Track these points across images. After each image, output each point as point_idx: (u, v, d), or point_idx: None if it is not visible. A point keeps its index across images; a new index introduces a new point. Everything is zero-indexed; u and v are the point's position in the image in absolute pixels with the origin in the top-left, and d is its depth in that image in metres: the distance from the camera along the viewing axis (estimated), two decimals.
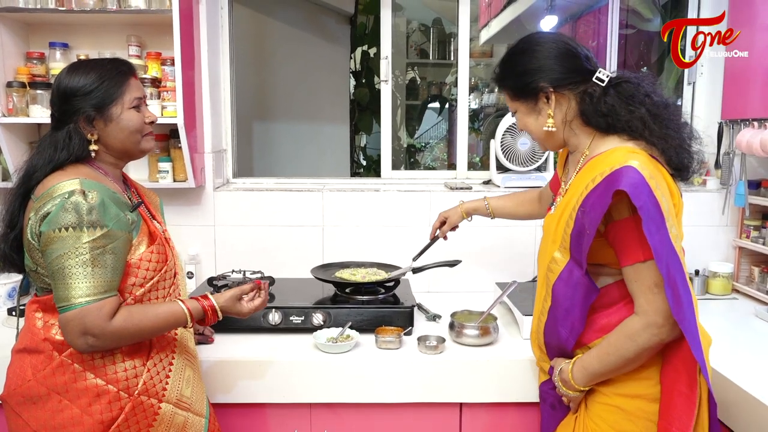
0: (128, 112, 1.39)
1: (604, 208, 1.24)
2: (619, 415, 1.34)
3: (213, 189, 2.36)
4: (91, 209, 1.26)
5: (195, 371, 1.50)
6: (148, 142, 1.46)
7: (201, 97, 2.29)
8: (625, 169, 1.24)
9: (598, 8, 3.54)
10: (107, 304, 1.26)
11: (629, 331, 1.28)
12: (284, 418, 1.76)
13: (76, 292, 1.24)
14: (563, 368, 1.39)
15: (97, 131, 1.37)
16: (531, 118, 1.43)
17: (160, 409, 1.36)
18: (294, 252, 2.37)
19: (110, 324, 1.26)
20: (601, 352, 1.32)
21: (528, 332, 1.84)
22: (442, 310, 2.07)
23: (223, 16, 2.45)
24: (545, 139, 1.45)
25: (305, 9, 3.86)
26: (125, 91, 1.38)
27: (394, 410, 1.75)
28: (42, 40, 2.24)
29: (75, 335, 1.25)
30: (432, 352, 1.76)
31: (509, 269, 2.33)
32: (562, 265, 1.36)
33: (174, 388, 1.40)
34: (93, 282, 1.25)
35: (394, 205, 2.38)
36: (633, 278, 1.28)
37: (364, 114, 4.43)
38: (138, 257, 1.35)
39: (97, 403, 1.30)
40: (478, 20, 4.73)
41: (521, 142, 2.44)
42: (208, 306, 1.41)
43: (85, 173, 1.33)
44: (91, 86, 1.35)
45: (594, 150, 1.38)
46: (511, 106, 1.48)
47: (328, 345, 1.75)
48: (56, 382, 1.31)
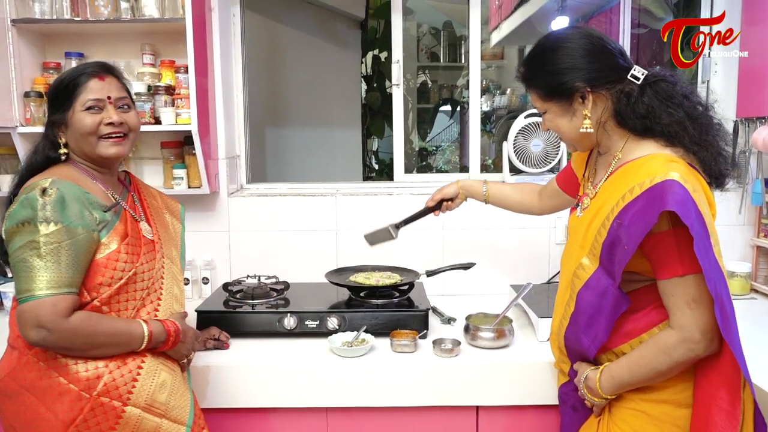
0: (79, 114, 1.39)
1: (648, 227, 1.19)
2: (644, 419, 1.32)
3: (227, 195, 2.38)
4: (45, 205, 1.28)
5: (176, 377, 1.46)
6: (107, 147, 1.41)
7: (214, 103, 2.31)
8: (669, 184, 1.19)
9: (609, 8, 3.53)
10: (62, 301, 1.27)
11: (664, 345, 1.25)
12: (300, 422, 1.76)
13: (30, 285, 1.27)
14: (590, 376, 1.36)
15: (65, 135, 1.42)
16: (564, 119, 1.37)
17: (123, 412, 1.34)
18: (308, 256, 2.38)
19: (65, 321, 1.27)
20: (632, 363, 1.29)
21: (544, 334, 1.83)
22: (456, 313, 2.07)
23: (236, 23, 2.47)
24: (578, 141, 1.40)
25: (316, 14, 3.88)
26: (79, 93, 1.39)
27: (410, 414, 1.75)
28: (58, 50, 2.27)
29: (28, 327, 1.26)
30: (447, 355, 1.75)
31: (524, 271, 2.32)
32: (590, 272, 1.32)
33: (142, 391, 1.37)
34: (47, 276, 1.27)
35: (408, 209, 2.37)
36: (670, 292, 1.24)
37: (376, 118, 4.43)
38: (105, 256, 1.36)
39: (59, 401, 1.31)
40: (489, 22, 4.72)
41: (534, 144, 2.43)
42: (174, 330, 1.42)
43: (64, 173, 1.37)
44: (53, 93, 1.42)
45: (628, 154, 1.33)
46: (541, 107, 1.40)
47: (343, 349, 1.76)
48: (25, 379, 1.34)
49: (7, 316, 2.08)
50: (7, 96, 2.09)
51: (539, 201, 1.82)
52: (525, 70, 1.41)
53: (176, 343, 1.43)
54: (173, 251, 1.59)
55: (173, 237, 1.63)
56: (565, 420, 1.52)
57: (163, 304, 1.48)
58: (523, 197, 1.85)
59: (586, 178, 1.50)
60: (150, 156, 2.36)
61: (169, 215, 1.66)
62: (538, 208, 1.84)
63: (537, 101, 1.41)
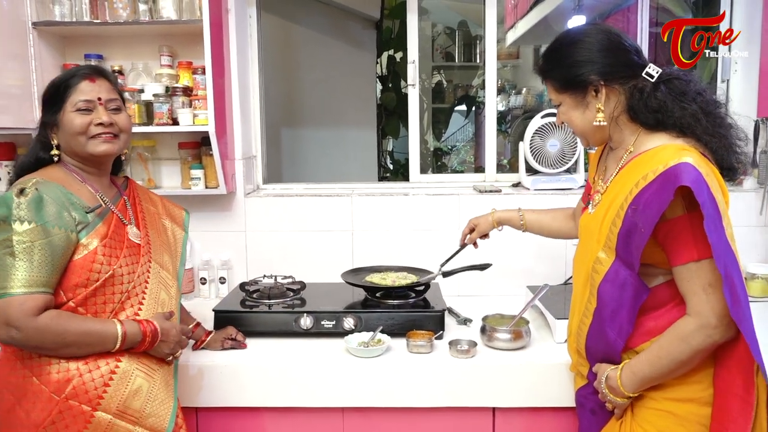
0: (70, 115, 1.41)
1: (663, 206, 1.20)
2: (669, 419, 1.31)
3: (244, 195, 2.39)
4: (20, 204, 1.30)
5: (155, 384, 1.43)
6: (96, 145, 1.43)
7: (231, 104, 2.32)
8: (683, 165, 1.21)
9: (627, 6, 3.49)
10: (30, 300, 1.27)
11: (682, 333, 1.24)
12: (316, 422, 1.77)
13: (3, 283, 1.28)
14: (610, 375, 1.35)
15: (57, 137, 1.44)
16: (577, 111, 1.39)
17: (93, 417, 1.33)
18: (324, 257, 2.39)
19: (34, 320, 1.27)
20: (652, 356, 1.28)
21: (561, 336, 1.82)
22: (472, 313, 2.06)
23: (252, 24, 2.48)
24: (590, 134, 1.41)
25: (331, 15, 3.89)
26: (70, 94, 1.42)
27: (426, 415, 1.75)
28: (77, 52, 2.30)
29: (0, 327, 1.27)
30: (464, 356, 1.75)
31: (540, 272, 2.31)
32: (608, 266, 1.32)
33: (114, 397, 1.36)
34: (20, 274, 1.28)
35: (423, 209, 2.38)
36: (686, 278, 1.24)
37: (391, 118, 4.43)
38: (83, 257, 1.36)
39: (31, 401, 1.33)
40: (504, 22, 4.70)
41: (551, 144, 2.42)
42: (150, 331, 1.40)
43: (51, 175, 1.39)
44: (46, 95, 1.44)
45: (639, 147, 1.35)
46: (555, 99, 1.43)
47: (359, 349, 1.76)
48: (6, 379, 1.36)
49: None
50: (28, 97, 2.12)
51: (574, 224, 1.82)
52: (543, 62, 1.43)
53: (153, 343, 1.41)
54: (165, 257, 1.57)
55: (169, 243, 1.62)
56: (583, 424, 1.51)
57: (145, 308, 1.46)
58: (559, 223, 1.84)
59: (598, 176, 1.50)
60: (168, 156, 2.38)
61: (170, 222, 1.66)
62: (574, 232, 1.83)
63: (552, 93, 1.43)
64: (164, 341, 1.44)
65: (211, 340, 1.80)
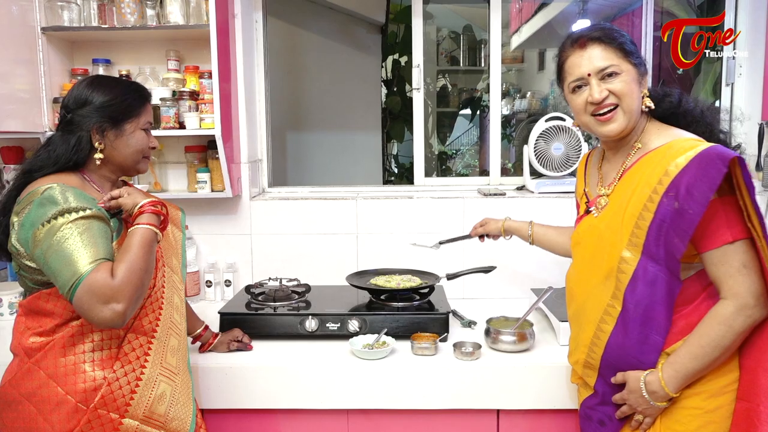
0: (139, 132, 1.47)
1: (715, 183, 1.20)
2: (701, 418, 1.30)
3: (249, 198, 2.41)
4: (67, 198, 1.29)
5: (176, 387, 1.45)
6: (145, 164, 1.53)
7: (237, 108, 2.34)
8: (719, 147, 1.24)
9: (631, 11, 3.50)
10: (101, 266, 1.24)
11: (722, 317, 1.25)
12: (321, 424, 1.78)
13: (74, 268, 1.23)
14: (650, 379, 1.31)
15: (105, 142, 1.43)
16: (636, 86, 1.36)
17: (121, 424, 1.34)
18: (329, 259, 2.40)
19: (114, 279, 1.23)
20: (694, 348, 1.27)
21: (565, 338, 1.82)
22: (477, 316, 2.07)
23: (258, 29, 2.50)
24: (634, 112, 1.36)
25: (337, 20, 3.91)
26: (142, 113, 1.47)
27: (431, 417, 1.76)
28: (85, 56, 2.32)
29: (97, 308, 1.21)
30: (468, 358, 1.75)
31: (544, 276, 2.31)
32: (634, 264, 1.31)
33: (141, 403, 1.37)
34: (85, 253, 1.24)
35: (428, 212, 2.39)
36: (720, 261, 1.25)
37: (396, 122, 4.45)
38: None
39: (56, 412, 1.31)
40: (509, 26, 4.72)
41: (555, 147, 2.43)
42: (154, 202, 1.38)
43: (69, 181, 1.37)
44: (113, 100, 1.42)
45: (648, 144, 1.37)
46: (619, 66, 1.34)
47: (364, 351, 1.77)
48: (25, 388, 1.34)
49: None
50: (37, 102, 2.14)
51: None
52: (606, 31, 1.37)
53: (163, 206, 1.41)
54: (173, 260, 1.59)
55: (173, 246, 1.63)
56: None
57: (164, 314, 1.47)
58: (565, 239, 1.82)
59: (595, 184, 1.51)
60: (174, 160, 2.40)
61: (170, 224, 1.66)
62: None
63: (614, 58, 1.35)
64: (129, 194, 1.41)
65: (217, 343, 1.82)
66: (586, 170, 1.58)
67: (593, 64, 1.35)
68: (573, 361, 1.52)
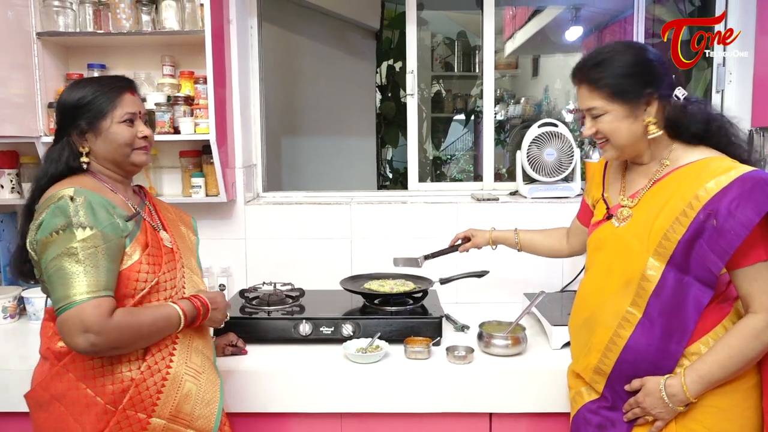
0: (117, 126, 1.43)
1: (763, 206, 1.24)
2: (717, 415, 1.34)
3: (244, 203, 2.42)
4: (78, 211, 1.30)
5: (202, 386, 1.46)
6: (140, 156, 1.49)
7: (232, 113, 2.35)
8: (761, 172, 1.28)
9: (623, 18, 3.54)
10: (104, 303, 1.28)
11: (753, 330, 1.29)
12: (315, 427, 1.79)
13: (72, 291, 1.26)
14: (670, 383, 1.34)
15: (88, 144, 1.43)
16: (626, 122, 1.39)
17: (149, 424, 1.36)
18: (323, 264, 2.41)
19: (110, 321, 1.27)
20: (721, 357, 1.30)
21: (557, 342, 1.84)
22: (470, 321, 2.08)
23: (253, 35, 2.52)
24: (630, 146, 1.42)
25: (331, 26, 3.93)
26: (116, 106, 1.43)
27: (424, 420, 1.77)
28: (81, 61, 2.33)
29: (75, 334, 1.25)
30: (461, 362, 1.77)
31: (537, 280, 2.33)
32: (659, 273, 1.34)
33: (167, 402, 1.38)
34: (88, 280, 1.27)
35: (422, 217, 2.40)
36: (753, 278, 1.29)
37: (391, 127, 4.47)
38: (128, 267, 1.37)
39: (86, 413, 1.33)
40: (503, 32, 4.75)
41: (547, 153, 2.45)
42: (201, 303, 1.46)
43: (84, 183, 1.39)
44: (84, 100, 1.41)
45: (678, 160, 1.40)
46: (601, 108, 1.39)
47: (357, 355, 1.78)
48: (55, 390, 1.36)
49: (30, 322, 2.17)
50: (32, 107, 2.15)
51: (568, 243, 1.85)
52: (590, 69, 1.41)
53: (207, 314, 1.48)
54: (192, 260, 1.62)
55: (190, 247, 1.65)
56: None
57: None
58: (551, 242, 1.89)
59: (615, 192, 1.53)
60: (169, 165, 2.41)
61: (184, 227, 1.68)
62: (567, 251, 1.87)
63: (598, 101, 1.40)
64: (215, 309, 1.51)
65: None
66: (605, 176, 1.59)
67: (583, 103, 1.44)
68: (581, 367, 1.51)
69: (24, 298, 2.19)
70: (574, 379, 1.56)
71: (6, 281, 2.35)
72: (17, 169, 2.31)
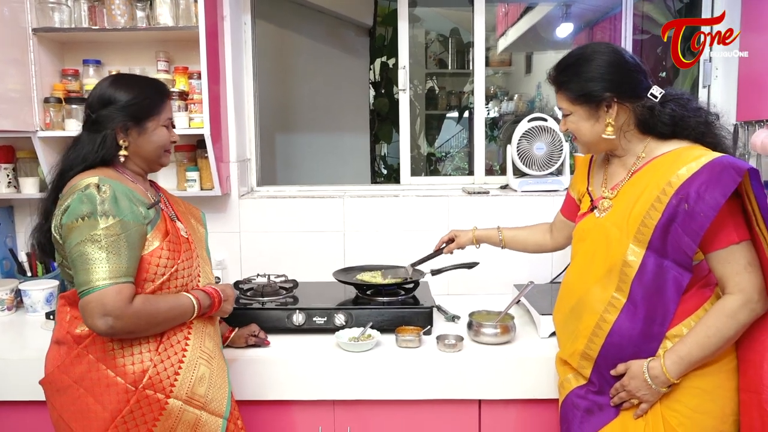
0: (161, 128, 1.53)
1: (729, 188, 1.28)
2: (700, 397, 1.38)
3: (238, 197, 2.45)
4: (104, 200, 1.36)
5: (214, 370, 1.52)
6: (167, 158, 1.60)
7: (226, 109, 2.38)
8: (729, 158, 1.32)
9: (613, 15, 3.58)
10: (125, 289, 1.34)
11: (728, 310, 1.33)
12: (309, 414, 1.82)
13: (95, 276, 1.32)
14: (652, 365, 1.38)
15: (129, 140, 1.49)
16: (588, 123, 1.48)
17: (167, 404, 1.41)
18: (316, 257, 2.45)
19: (130, 307, 1.34)
20: (700, 337, 1.35)
21: (545, 331, 1.88)
22: (461, 311, 2.11)
23: (247, 31, 2.55)
24: (594, 144, 1.52)
25: (325, 23, 3.96)
26: (163, 110, 1.53)
27: (415, 407, 1.80)
28: (76, 57, 2.36)
29: (95, 317, 1.32)
30: (451, 350, 1.80)
31: (527, 271, 2.37)
32: (640, 258, 1.39)
33: (184, 384, 1.44)
34: (109, 266, 1.33)
35: (413, 210, 2.44)
36: (726, 260, 1.34)
37: (384, 123, 4.50)
38: (149, 253, 1.43)
39: (107, 393, 1.38)
40: (495, 29, 4.79)
41: (537, 147, 2.49)
42: (215, 293, 1.54)
43: (108, 174, 1.45)
44: (135, 99, 1.48)
45: (651, 153, 1.46)
46: (567, 108, 1.51)
47: (349, 344, 1.81)
48: (75, 373, 1.41)
49: (26, 314, 2.20)
50: (28, 102, 2.17)
51: (551, 237, 1.89)
52: (558, 73, 1.51)
53: (220, 304, 1.56)
54: (203, 252, 1.68)
55: (201, 239, 1.71)
56: (574, 426, 1.52)
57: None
58: (536, 237, 1.92)
59: (598, 185, 1.58)
60: None
61: (194, 220, 1.74)
62: (551, 245, 1.90)
63: (564, 102, 1.51)
64: (226, 300, 1.59)
65: (235, 337, 1.86)
66: (591, 170, 1.65)
67: (557, 102, 1.54)
68: (568, 354, 1.55)
69: (21, 290, 2.22)
70: (561, 366, 1.60)
71: (3, 274, 2.37)
72: (13, 164, 2.34)
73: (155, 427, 1.40)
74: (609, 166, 1.57)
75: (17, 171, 2.34)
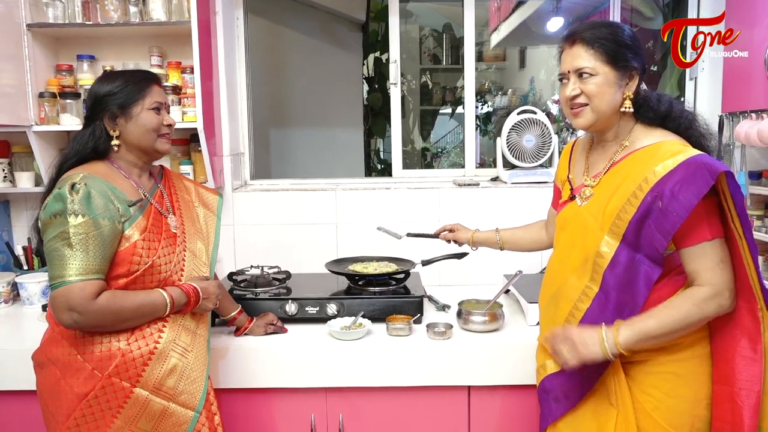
0: (147, 112, 1.55)
1: (702, 190, 1.29)
2: (673, 381, 1.41)
3: (232, 190, 2.48)
4: (74, 200, 1.41)
5: (188, 363, 1.54)
6: (164, 143, 1.60)
7: (219, 103, 2.41)
8: (706, 157, 1.33)
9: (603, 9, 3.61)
10: (89, 286, 1.39)
11: (697, 299, 1.35)
12: (301, 402, 1.86)
13: (61, 272, 1.39)
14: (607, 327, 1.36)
15: (119, 128, 1.54)
16: (611, 89, 1.43)
17: (132, 392, 1.45)
18: (309, 248, 2.48)
19: (93, 303, 1.39)
20: (662, 315, 1.35)
21: (533, 319, 1.92)
22: (451, 301, 2.15)
23: (239, 26, 2.57)
24: (606, 116, 1.45)
25: (318, 18, 3.98)
26: (146, 94, 1.55)
27: (405, 394, 1.84)
28: (70, 52, 2.38)
29: (61, 311, 1.39)
30: (440, 338, 1.84)
31: (516, 261, 2.39)
32: (613, 250, 1.41)
33: (152, 375, 1.47)
34: (76, 264, 1.39)
35: (405, 203, 2.47)
36: (699, 256, 1.36)
37: (378, 118, 4.53)
38: (125, 249, 1.46)
39: (76, 376, 1.45)
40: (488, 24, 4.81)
41: (526, 139, 2.52)
42: (192, 291, 1.55)
43: (96, 170, 1.50)
44: (117, 88, 1.53)
45: (634, 143, 1.46)
46: (593, 69, 1.42)
47: (341, 332, 1.85)
48: (52, 354, 1.49)
49: (23, 307, 2.23)
50: (23, 96, 2.20)
51: (547, 233, 1.90)
52: (594, 29, 1.44)
53: (198, 302, 1.56)
54: (198, 244, 1.68)
55: (202, 230, 1.72)
56: (544, 412, 1.56)
57: None
58: (532, 235, 1.93)
59: (580, 173, 1.59)
60: None
61: (203, 208, 1.77)
62: (548, 241, 1.91)
63: (593, 61, 1.42)
64: (206, 298, 1.59)
65: (254, 326, 1.90)
66: (571, 158, 1.66)
67: (573, 63, 1.45)
68: (544, 339, 1.57)
69: (18, 283, 2.25)
70: (542, 353, 1.63)
71: (0, 267, 2.40)
72: (9, 159, 2.37)
73: (120, 413, 1.45)
74: (591, 154, 1.58)
75: (13, 165, 2.37)
